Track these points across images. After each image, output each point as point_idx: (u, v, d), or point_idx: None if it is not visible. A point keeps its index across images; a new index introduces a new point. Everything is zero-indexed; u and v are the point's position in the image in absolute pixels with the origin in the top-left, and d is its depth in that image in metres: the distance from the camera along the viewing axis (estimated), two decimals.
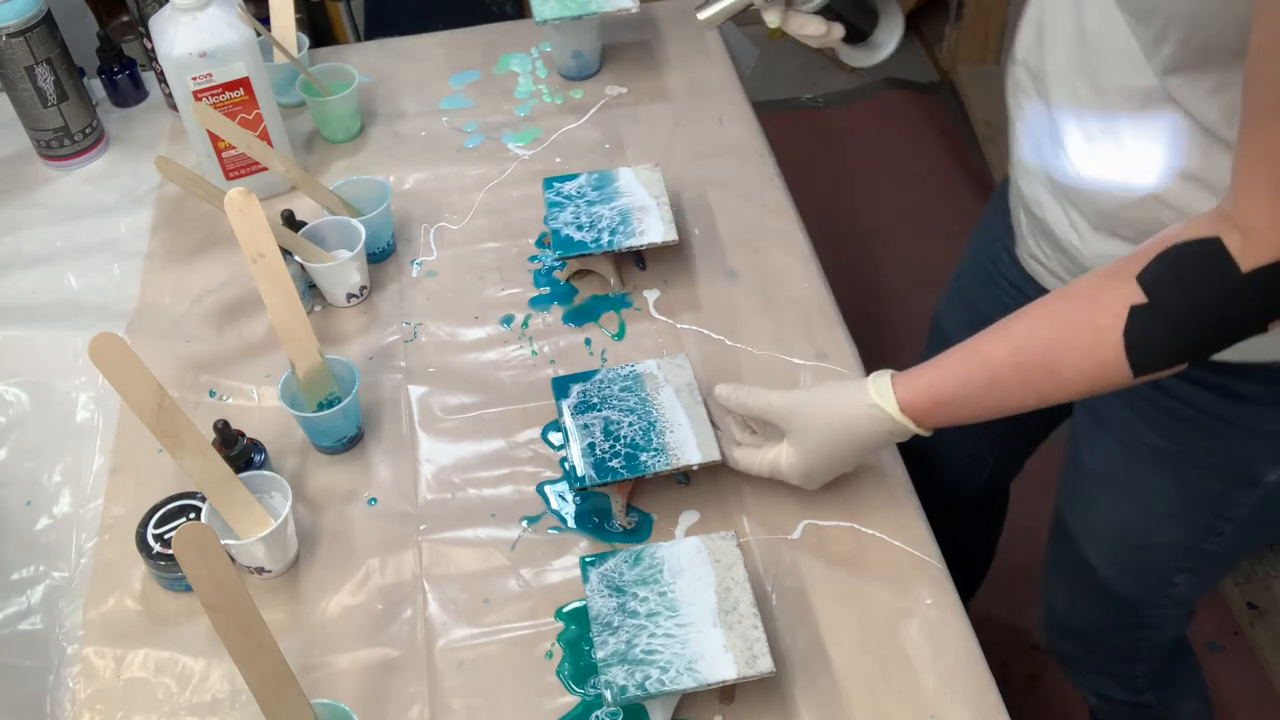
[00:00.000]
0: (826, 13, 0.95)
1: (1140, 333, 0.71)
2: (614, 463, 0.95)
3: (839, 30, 0.96)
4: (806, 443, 0.90)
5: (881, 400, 0.85)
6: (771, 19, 0.95)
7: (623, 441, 0.96)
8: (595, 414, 0.99)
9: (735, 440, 0.97)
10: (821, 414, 0.89)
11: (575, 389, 1.02)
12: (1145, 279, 0.71)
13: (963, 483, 1.33)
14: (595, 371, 1.03)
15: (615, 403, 1.00)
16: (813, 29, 0.94)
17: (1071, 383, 0.76)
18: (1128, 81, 0.79)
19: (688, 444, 0.96)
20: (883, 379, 0.86)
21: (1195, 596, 1.09)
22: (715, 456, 0.95)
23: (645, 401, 1.00)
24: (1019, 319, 0.79)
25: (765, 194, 1.27)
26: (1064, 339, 0.75)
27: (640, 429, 0.97)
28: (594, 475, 0.94)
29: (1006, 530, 1.51)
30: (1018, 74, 0.94)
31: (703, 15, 0.97)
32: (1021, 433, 1.25)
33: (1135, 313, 0.71)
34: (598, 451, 0.96)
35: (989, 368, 0.79)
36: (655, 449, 0.95)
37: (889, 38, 1.00)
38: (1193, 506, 0.99)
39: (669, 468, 0.94)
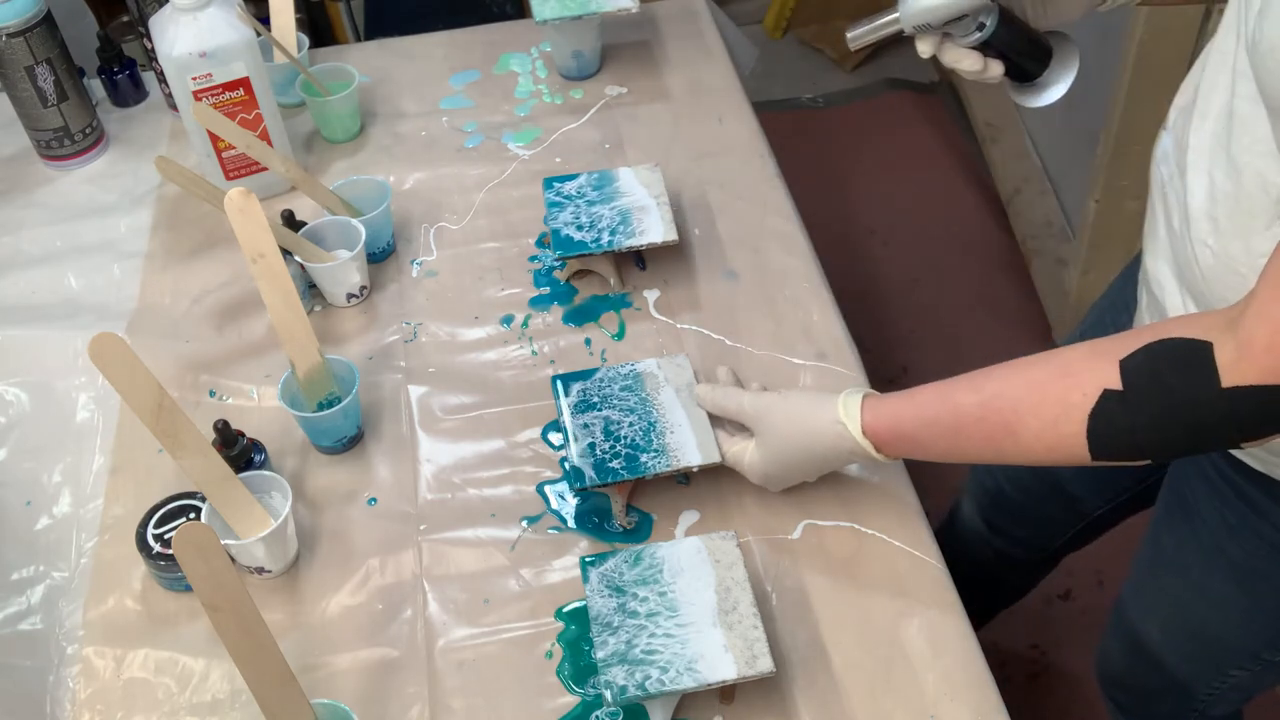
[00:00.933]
0: (987, 49, 0.87)
1: (1106, 420, 0.70)
2: (614, 463, 0.95)
3: (997, 68, 0.89)
4: (770, 446, 0.91)
5: (847, 420, 0.85)
6: (924, 49, 0.88)
7: (623, 442, 0.96)
8: (596, 413, 0.99)
9: (719, 423, 0.97)
10: (788, 422, 0.89)
11: (575, 388, 1.02)
12: (1127, 366, 0.69)
13: (1037, 548, 1.34)
14: (595, 370, 1.03)
15: (616, 402, 1.00)
16: (968, 64, 0.87)
17: (1030, 449, 0.75)
18: (1266, 175, 0.74)
19: (688, 445, 0.96)
20: (854, 399, 0.86)
21: (1255, 689, 1.07)
22: (715, 458, 0.95)
23: (646, 401, 1.00)
24: (996, 373, 0.78)
25: (765, 194, 1.27)
26: (1031, 405, 0.74)
27: (641, 429, 0.97)
28: (594, 476, 0.94)
29: None
30: (1164, 141, 0.88)
31: (851, 34, 0.90)
32: (1109, 522, 1.25)
33: (1107, 397, 0.70)
34: (598, 452, 0.96)
35: (956, 414, 0.79)
36: (656, 450, 0.96)
37: (1059, 81, 0.91)
38: (1262, 621, 0.97)
39: (669, 469, 0.94)
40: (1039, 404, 0.73)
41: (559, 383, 1.03)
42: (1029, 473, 1.22)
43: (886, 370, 2.07)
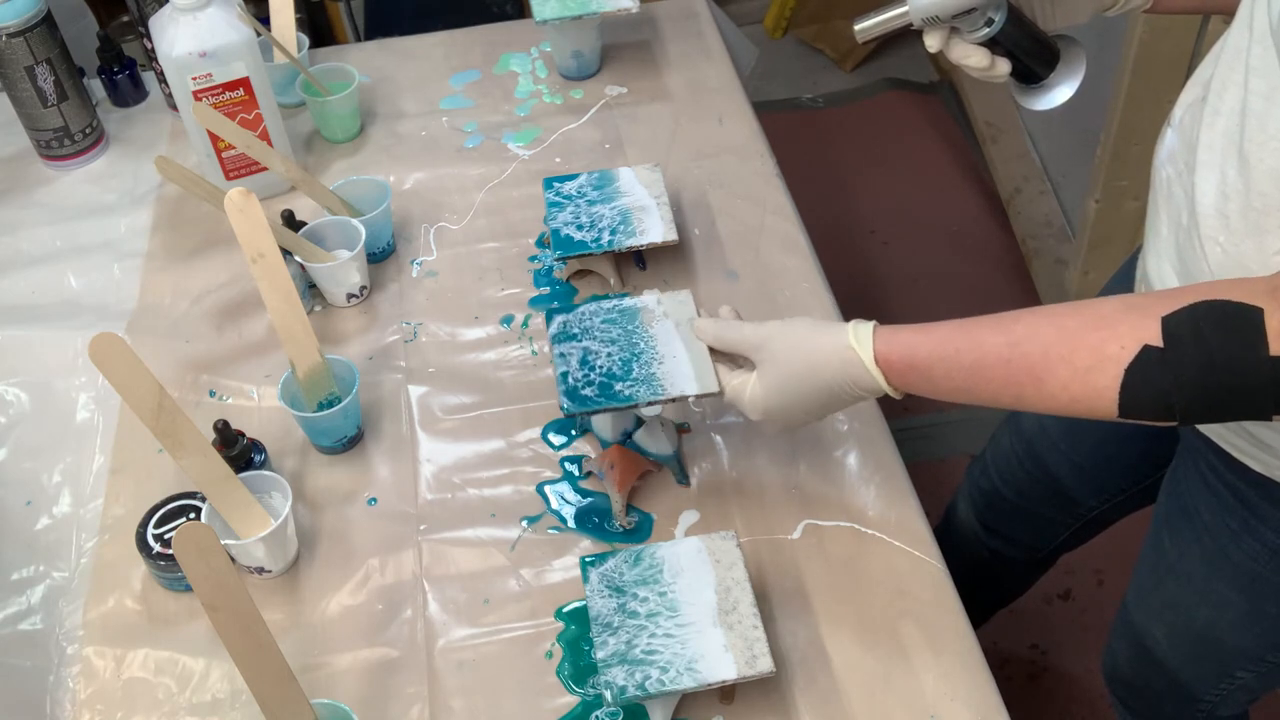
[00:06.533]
0: (995, 46, 0.87)
1: (1143, 376, 0.67)
2: (586, 390, 0.93)
3: (1004, 66, 0.88)
4: (772, 376, 0.86)
5: (858, 346, 0.81)
6: (932, 43, 0.88)
7: (598, 371, 0.94)
8: (574, 344, 0.96)
9: (720, 358, 0.94)
10: (792, 348, 0.84)
11: (558, 319, 0.99)
12: (1170, 322, 0.67)
13: (1033, 548, 1.33)
14: (580, 305, 1.01)
15: (597, 334, 0.97)
16: (975, 60, 0.87)
17: (1053, 397, 0.72)
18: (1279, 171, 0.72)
19: (684, 376, 0.91)
20: (864, 326, 0.82)
21: (1261, 690, 1.06)
22: (713, 388, 0.90)
23: (633, 333, 0.96)
24: (1026, 316, 0.75)
25: (765, 194, 1.27)
26: (1063, 352, 0.71)
27: (620, 360, 0.94)
28: (570, 404, 0.92)
29: None
30: (1169, 138, 0.86)
31: (859, 26, 0.89)
32: (1106, 520, 1.24)
33: (1146, 353, 0.67)
34: (570, 380, 0.93)
35: (979, 353, 0.75)
36: (637, 379, 0.92)
37: (1065, 84, 0.91)
38: (1265, 624, 0.96)
39: (660, 398, 0.91)
40: (1072, 351, 0.70)
41: (549, 316, 1.00)
42: (1024, 474, 1.22)
43: None
